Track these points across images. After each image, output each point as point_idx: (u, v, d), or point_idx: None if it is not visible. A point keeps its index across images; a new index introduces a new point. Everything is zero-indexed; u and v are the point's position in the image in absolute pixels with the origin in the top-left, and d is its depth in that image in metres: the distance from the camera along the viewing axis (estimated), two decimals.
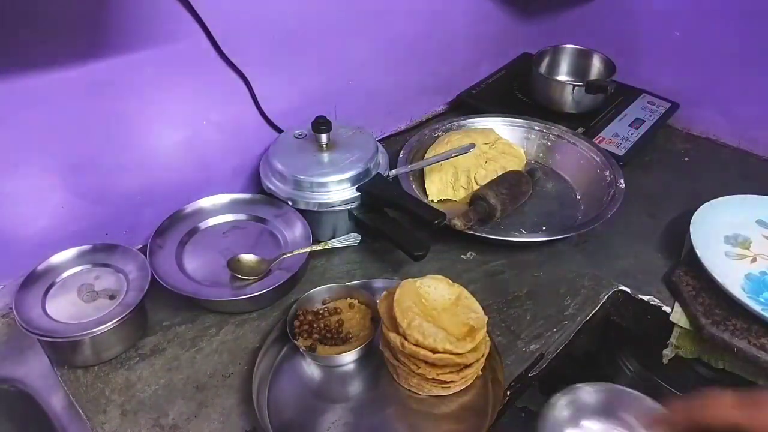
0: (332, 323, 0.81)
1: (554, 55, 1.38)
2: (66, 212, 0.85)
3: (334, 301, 0.85)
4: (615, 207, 0.99)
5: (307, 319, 0.81)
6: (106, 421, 0.72)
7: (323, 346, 0.79)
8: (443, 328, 0.71)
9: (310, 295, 0.84)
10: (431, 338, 0.69)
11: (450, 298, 0.77)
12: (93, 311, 0.76)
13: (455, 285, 0.79)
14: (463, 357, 0.70)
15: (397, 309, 0.73)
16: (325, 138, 0.95)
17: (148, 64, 0.82)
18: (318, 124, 0.93)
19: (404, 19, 1.14)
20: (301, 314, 0.82)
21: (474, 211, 0.98)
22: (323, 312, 0.83)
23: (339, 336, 0.80)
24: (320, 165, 0.93)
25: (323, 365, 0.78)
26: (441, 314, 0.74)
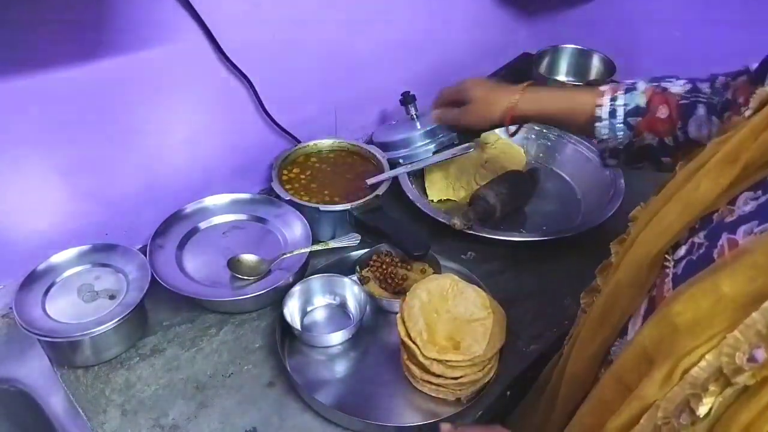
0: (398, 274, 0.89)
1: (554, 55, 1.38)
2: (66, 212, 0.85)
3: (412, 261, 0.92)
4: (615, 207, 0.99)
5: (384, 260, 0.90)
6: (106, 421, 0.72)
7: (377, 287, 0.87)
8: (434, 332, 0.72)
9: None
10: (419, 337, 0.72)
11: (474, 314, 0.76)
12: (93, 311, 0.76)
13: (491, 303, 0.78)
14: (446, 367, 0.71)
15: (409, 297, 0.76)
16: (413, 109, 1.06)
17: (148, 65, 0.82)
18: (406, 98, 1.06)
19: (405, 19, 1.14)
20: (380, 256, 0.91)
21: (474, 211, 0.98)
22: (397, 263, 0.90)
23: (396, 286, 0.87)
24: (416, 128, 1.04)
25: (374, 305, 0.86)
26: (448, 321, 0.75)
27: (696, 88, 0.71)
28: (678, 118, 0.70)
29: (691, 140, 0.70)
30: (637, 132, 0.73)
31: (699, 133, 0.69)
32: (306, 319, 0.86)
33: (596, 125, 0.76)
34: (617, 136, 0.75)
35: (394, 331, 0.77)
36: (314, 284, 0.86)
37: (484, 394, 0.75)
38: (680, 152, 0.71)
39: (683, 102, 0.70)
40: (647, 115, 0.72)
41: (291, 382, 0.76)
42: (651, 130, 0.72)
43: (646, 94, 0.73)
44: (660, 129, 0.72)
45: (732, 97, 0.63)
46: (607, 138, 0.76)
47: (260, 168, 1.06)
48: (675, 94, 0.71)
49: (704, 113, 0.68)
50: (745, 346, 0.34)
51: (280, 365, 0.79)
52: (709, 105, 0.68)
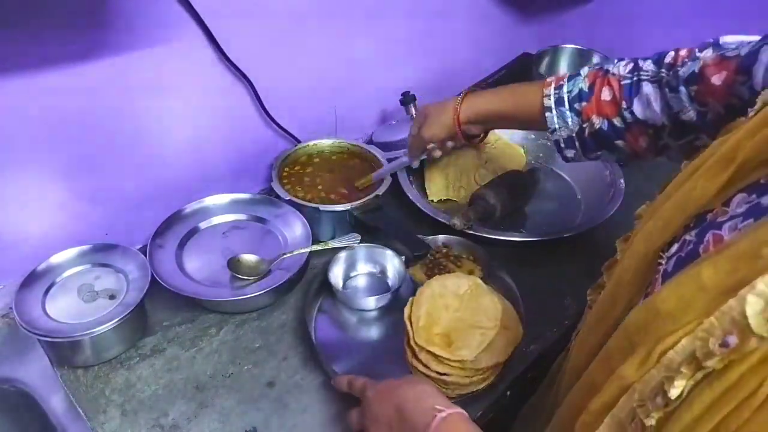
0: (446, 267, 0.90)
1: (554, 55, 1.38)
2: (66, 212, 0.85)
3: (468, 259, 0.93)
4: (615, 207, 0.99)
5: (442, 252, 0.92)
6: (106, 421, 0.72)
7: (421, 272, 0.89)
8: (433, 323, 0.73)
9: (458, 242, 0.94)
10: (416, 322, 0.74)
11: (481, 322, 0.77)
12: (93, 311, 0.76)
13: (507, 319, 0.79)
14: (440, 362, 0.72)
15: (425, 285, 0.79)
16: (413, 109, 1.09)
17: (148, 64, 0.82)
18: (406, 98, 1.09)
19: (405, 19, 1.14)
20: (438, 249, 0.93)
21: (474, 211, 0.98)
22: (450, 257, 0.92)
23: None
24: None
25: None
26: (453, 319, 0.75)
27: (637, 66, 0.71)
28: (622, 99, 0.71)
29: (640, 121, 0.70)
30: (584, 117, 0.73)
31: (649, 111, 0.69)
32: (348, 283, 0.92)
33: (546, 115, 0.76)
34: (567, 123, 0.75)
35: None
36: (360, 252, 0.92)
37: (478, 395, 0.75)
38: (632, 135, 0.72)
39: (625, 82, 0.71)
40: (591, 98, 0.73)
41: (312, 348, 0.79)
42: (598, 113, 0.72)
43: (589, 78, 0.74)
44: (606, 110, 0.72)
45: (699, 72, 0.62)
46: (559, 127, 0.76)
47: (260, 168, 1.06)
48: (617, 75, 0.72)
49: (652, 90, 0.68)
50: (719, 332, 0.34)
51: (280, 365, 0.79)
52: (656, 81, 0.68)
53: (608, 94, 0.72)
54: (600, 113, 0.72)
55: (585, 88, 0.74)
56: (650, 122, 0.69)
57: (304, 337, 0.83)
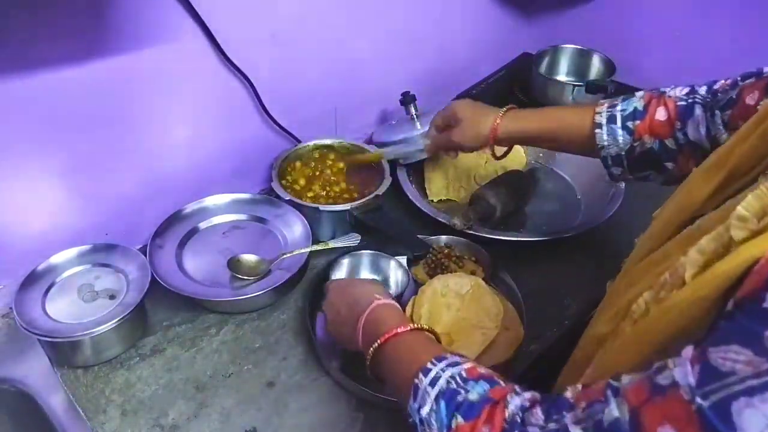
0: (448, 267, 0.90)
1: (554, 55, 1.38)
2: (66, 212, 0.85)
3: (470, 260, 0.93)
4: (615, 207, 0.99)
5: (444, 252, 0.91)
6: (106, 421, 0.72)
7: (423, 272, 0.90)
8: (434, 323, 0.73)
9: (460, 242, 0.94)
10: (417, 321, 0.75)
11: (482, 322, 0.77)
12: (93, 311, 0.76)
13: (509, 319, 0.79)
14: None
15: (427, 284, 0.80)
16: (413, 109, 1.07)
17: (148, 64, 0.82)
18: (406, 98, 1.07)
19: (405, 19, 1.14)
20: (440, 249, 0.92)
21: (474, 211, 0.98)
22: (455, 260, 0.91)
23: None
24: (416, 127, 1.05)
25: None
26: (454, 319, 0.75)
27: (693, 91, 0.71)
28: (677, 119, 0.71)
29: (692, 143, 0.70)
30: (636, 135, 0.73)
31: (697, 133, 0.69)
32: None
33: (596, 132, 0.76)
34: (618, 141, 0.75)
35: None
36: (364, 259, 0.90)
37: None
38: (684, 157, 0.71)
39: (681, 104, 0.71)
40: (645, 117, 0.73)
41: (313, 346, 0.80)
42: (651, 132, 0.72)
43: (644, 99, 0.74)
44: (659, 131, 0.72)
45: (737, 95, 0.63)
46: (608, 144, 0.76)
47: (260, 168, 1.06)
48: (673, 97, 0.72)
49: (701, 113, 0.68)
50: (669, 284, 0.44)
51: (280, 365, 0.79)
52: (704, 105, 0.68)
53: (663, 115, 0.72)
54: (653, 133, 0.72)
55: (640, 107, 0.74)
56: (701, 144, 0.69)
57: (304, 337, 0.83)
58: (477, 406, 0.46)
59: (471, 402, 0.47)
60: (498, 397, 0.46)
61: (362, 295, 0.68)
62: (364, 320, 0.64)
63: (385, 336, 0.59)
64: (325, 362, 0.77)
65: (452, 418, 0.47)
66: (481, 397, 0.47)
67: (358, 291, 0.69)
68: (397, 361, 0.57)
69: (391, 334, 0.58)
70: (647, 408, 0.35)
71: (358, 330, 0.64)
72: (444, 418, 0.47)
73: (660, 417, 0.34)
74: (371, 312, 0.63)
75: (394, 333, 0.58)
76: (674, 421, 0.33)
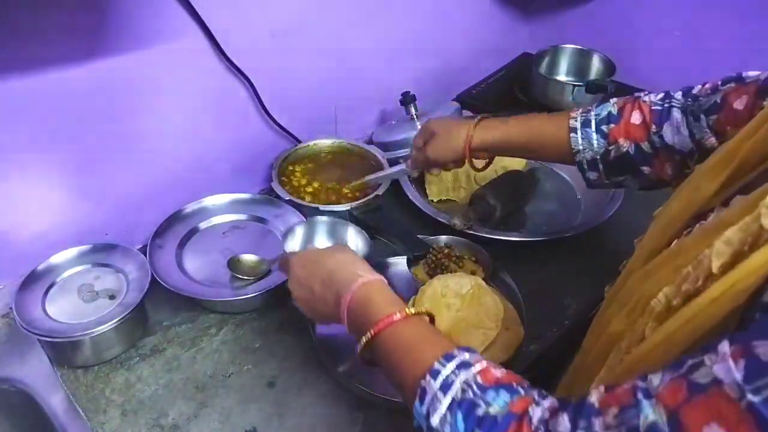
0: (448, 267, 0.89)
1: (554, 55, 1.38)
2: (66, 212, 0.85)
3: (470, 260, 0.92)
4: (615, 207, 0.99)
5: (444, 253, 0.91)
6: (106, 421, 0.72)
7: (423, 272, 0.89)
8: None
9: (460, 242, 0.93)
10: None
11: (483, 323, 0.77)
12: (93, 311, 0.76)
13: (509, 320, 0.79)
14: None
15: (426, 284, 0.80)
16: (413, 109, 1.07)
17: (148, 64, 0.82)
18: (406, 98, 1.07)
19: (405, 19, 1.14)
20: (440, 249, 0.91)
21: (474, 211, 0.98)
22: (453, 257, 0.91)
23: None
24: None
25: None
26: (454, 319, 0.75)
27: (669, 95, 0.71)
28: (652, 123, 0.71)
29: (668, 146, 0.70)
30: (611, 139, 0.73)
31: (676, 137, 0.69)
32: None
33: (571, 136, 0.76)
34: (592, 144, 0.75)
35: None
36: (319, 226, 0.84)
37: None
38: (659, 161, 0.71)
39: (656, 108, 0.71)
40: (620, 121, 0.73)
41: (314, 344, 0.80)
42: (626, 136, 0.72)
43: (618, 104, 0.75)
44: (635, 134, 0.72)
45: (722, 100, 0.63)
46: (583, 148, 0.76)
47: (260, 168, 1.06)
48: (647, 102, 0.72)
49: (679, 116, 0.69)
50: (692, 277, 0.43)
51: (280, 365, 0.79)
52: (684, 109, 0.69)
53: (638, 118, 0.72)
54: (628, 136, 0.72)
55: (614, 111, 0.74)
56: (678, 148, 0.69)
57: (304, 337, 0.83)
58: (501, 424, 0.44)
59: (493, 418, 0.44)
60: (521, 411, 0.44)
61: (338, 269, 0.61)
62: (348, 302, 0.58)
63: (379, 325, 0.54)
64: (325, 362, 0.77)
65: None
66: (504, 412, 0.44)
67: (331, 264, 0.62)
68: (397, 353, 0.53)
69: (386, 323, 0.54)
70: (687, 408, 0.34)
71: (342, 312, 0.58)
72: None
73: (704, 417, 0.33)
74: (356, 293, 0.57)
75: (390, 321, 0.54)
76: (721, 420, 0.32)
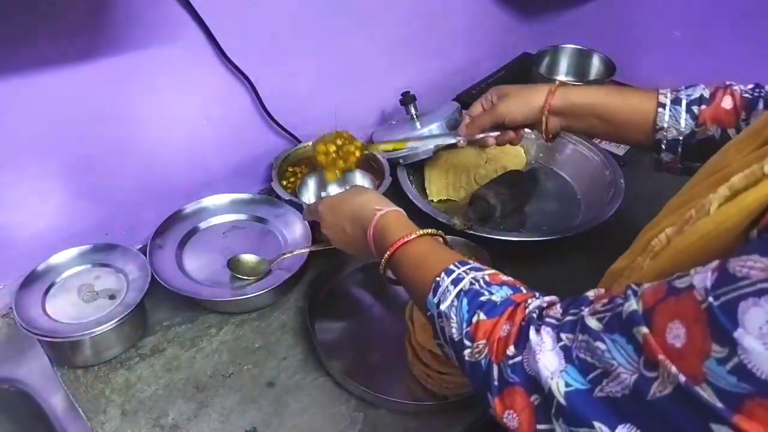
0: None
1: (554, 55, 1.38)
2: (66, 212, 0.85)
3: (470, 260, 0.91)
4: (615, 207, 0.99)
5: None
6: (106, 421, 0.72)
7: None
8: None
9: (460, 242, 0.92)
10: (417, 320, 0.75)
11: None
12: (93, 311, 0.76)
13: None
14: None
15: None
16: (413, 109, 1.05)
17: (148, 65, 0.82)
18: (406, 98, 1.06)
19: (405, 19, 1.14)
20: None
21: (474, 211, 0.98)
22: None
23: None
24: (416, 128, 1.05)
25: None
26: None
27: (759, 86, 0.71)
28: (742, 110, 0.70)
29: None
30: (700, 121, 0.72)
31: None
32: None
33: (659, 111, 0.74)
34: (679, 124, 0.73)
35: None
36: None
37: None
38: None
39: (746, 96, 0.71)
40: (712, 104, 0.72)
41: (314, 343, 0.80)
42: (715, 120, 0.71)
43: (710, 88, 0.74)
44: (724, 120, 0.71)
45: None
46: (668, 126, 0.74)
47: (260, 168, 1.06)
48: (738, 89, 0.72)
49: (762, 108, 0.69)
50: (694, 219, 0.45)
51: (280, 365, 0.79)
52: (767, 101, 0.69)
53: (729, 103, 0.71)
54: (717, 120, 0.71)
55: (706, 94, 0.73)
56: None
57: (304, 337, 0.83)
58: (499, 306, 0.49)
59: (494, 302, 0.50)
60: (520, 300, 0.50)
61: (361, 207, 0.69)
62: (372, 234, 0.66)
63: (394, 246, 0.61)
64: (325, 362, 0.77)
65: (474, 314, 0.49)
66: (504, 299, 0.50)
67: (356, 203, 0.71)
68: (413, 264, 0.60)
69: (399, 243, 0.61)
70: (660, 306, 0.37)
71: (369, 243, 0.67)
72: (465, 313, 0.50)
73: (671, 314, 0.36)
74: (376, 224, 0.66)
75: (405, 240, 0.61)
76: (683, 318, 0.35)
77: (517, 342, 0.46)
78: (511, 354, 0.46)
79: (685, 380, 0.34)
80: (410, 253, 0.61)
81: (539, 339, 0.44)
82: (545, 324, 0.45)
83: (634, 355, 0.38)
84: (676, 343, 0.35)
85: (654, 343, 0.36)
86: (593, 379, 0.40)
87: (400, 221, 0.66)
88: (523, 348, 0.45)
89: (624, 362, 0.38)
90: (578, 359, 0.41)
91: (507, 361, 0.46)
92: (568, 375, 0.41)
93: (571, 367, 0.41)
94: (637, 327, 0.38)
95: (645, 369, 0.37)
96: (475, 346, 0.49)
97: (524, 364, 0.44)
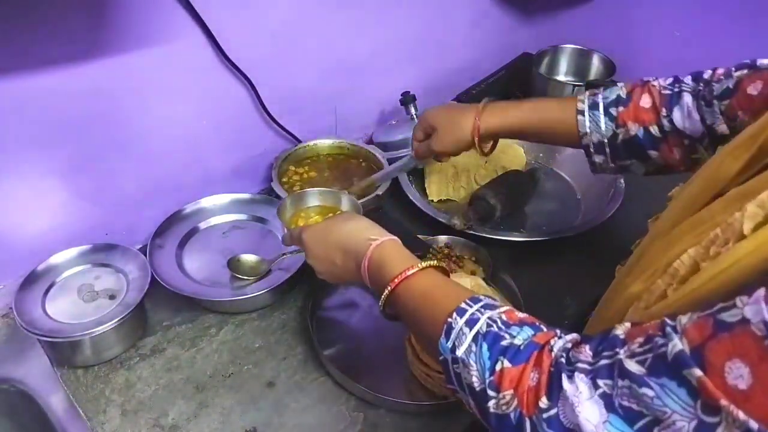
0: (451, 269, 0.88)
1: (554, 55, 1.38)
2: (66, 212, 0.85)
3: (470, 260, 0.93)
4: (615, 207, 0.99)
5: (444, 253, 0.93)
6: (106, 421, 0.72)
7: None
8: None
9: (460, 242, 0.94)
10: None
11: None
12: (93, 311, 0.76)
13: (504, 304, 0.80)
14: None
15: None
16: (413, 109, 1.08)
17: (148, 65, 0.82)
18: (406, 98, 1.08)
19: (405, 20, 1.14)
20: (440, 249, 0.93)
21: (474, 211, 0.98)
22: (455, 260, 0.92)
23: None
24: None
25: None
26: None
27: (678, 80, 0.71)
28: (662, 106, 0.70)
29: (678, 130, 0.69)
30: (620, 122, 0.73)
31: (686, 121, 0.69)
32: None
33: (578, 118, 0.76)
34: (600, 127, 0.74)
35: None
36: (309, 198, 0.85)
37: None
38: (667, 145, 0.71)
39: (666, 92, 0.71)
40: (629, 104, 0.73)
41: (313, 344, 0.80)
42: (635, 119, 0.72)
43: (626, 87, 0.74)
44: (644, 118, 0.71)
45: (735, 86, 0.64)
46: (590, 131, 0.75)
47: (260, 168, 1.06)
48: (657, 86, 0.72)
49: (690, 101, 0.68)
50: (722, 240, 0.42)
51: (280, 365, 0.79)
52: (695, 94, 0.69)
53: (648, 101, 0.71)
54: (637, 120, 0.72)
55: (623, 95, 0.74)
56: (688, 132, 0.69)
57: (304, 337, 0.83)
58: (524, 351, 0.45)
59: (517, 346, 0.46)
60: (543, 342, 0.46)
61: (351, 236, 0.64)
62: (367, 267, 0.60)
63: (395, 281, 0.56)
64: (325, 362, 0.77)
65: (496, 361, 0.45)
66: (527, 343, 0.46)
67: (345, 233, 0.65)
68: (416, 302, 0.55)
69: (401, 279, 0.56)
70: (712, 343, 0.34)
71: (365, 277, 0.61)
72: (487, 360, 0.46)
73: (728, 352, 0.33)
74: (371, 257, 0.60)
75: (406, 276, 0.56)
76: (744, 357, 0.33)
77: (550, 392, 0.42)
78: (545, 406, 0.42)
79: (758, 427, 0.32)
80: (413, 288, 0.56)
81: (574, 388, 0.40)
82: (578, 370, 0.41)
83: (689, 400, 0.35)
84: (740, 385, 0.32)
85: (711, 386, 0.33)
86: (641, 428, 0.37)
87: (399, 252, 0.61)
88: (557, 399, 0.41)
89: (678, 408, 0.35)
90: (621, 407, 0.38)
91: (541, 414, 0.42)
92: (612, 426, 0.38)
93: (615, 417, 0.38)
94: (687, 369, 0.35)
95: (704, 414, 0.34)
96: (501, 397, 0.44)
97: (560, 416, 0.41)
